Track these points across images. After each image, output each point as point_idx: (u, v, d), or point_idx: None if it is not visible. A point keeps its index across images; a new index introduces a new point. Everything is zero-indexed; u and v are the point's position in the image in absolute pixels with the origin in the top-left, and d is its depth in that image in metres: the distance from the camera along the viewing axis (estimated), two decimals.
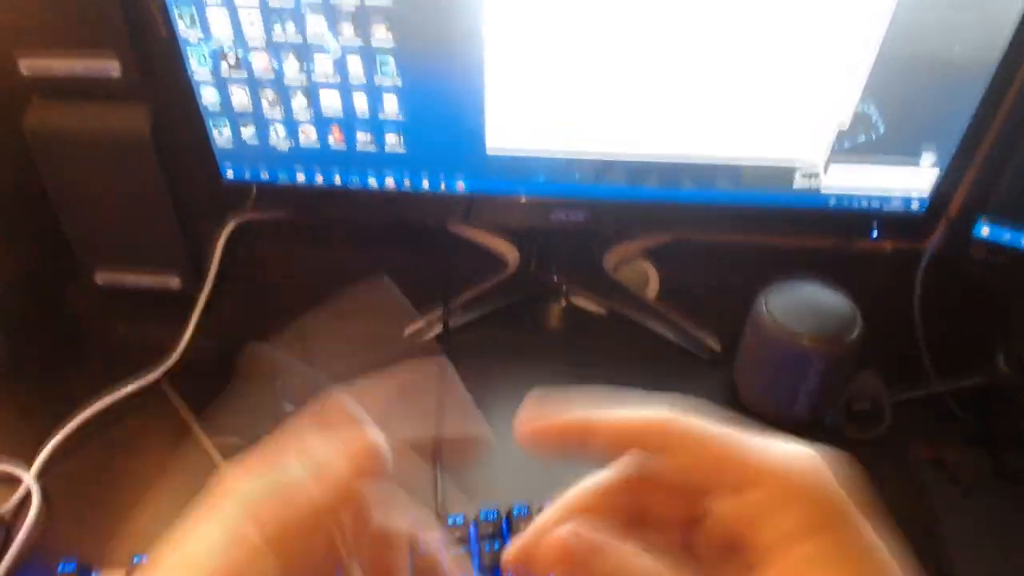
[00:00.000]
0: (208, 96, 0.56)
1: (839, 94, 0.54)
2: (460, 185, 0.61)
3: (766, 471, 0.23)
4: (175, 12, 0.52)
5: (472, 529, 0.48)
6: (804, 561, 0.22)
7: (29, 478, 0.53)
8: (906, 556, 0.23)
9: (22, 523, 0.51)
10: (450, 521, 0.48)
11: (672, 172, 0.59)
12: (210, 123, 0.57)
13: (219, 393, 0.60)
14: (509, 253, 0.74)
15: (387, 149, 0.58)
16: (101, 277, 0.67)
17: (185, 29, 0.52)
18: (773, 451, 0.24)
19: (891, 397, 0.59)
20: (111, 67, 0.56)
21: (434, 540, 0.29)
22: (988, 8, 0.49)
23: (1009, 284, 0.64)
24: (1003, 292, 0.65)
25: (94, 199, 0.62)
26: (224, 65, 0.54)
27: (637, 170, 0.59)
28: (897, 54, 0.51)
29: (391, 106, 0.56)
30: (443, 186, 0.61)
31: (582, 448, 0.26)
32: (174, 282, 0.67)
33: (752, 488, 0.23)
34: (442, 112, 0.56)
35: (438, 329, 0.67)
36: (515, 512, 0.48)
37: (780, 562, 0.22)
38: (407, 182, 0.61)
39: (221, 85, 0.55)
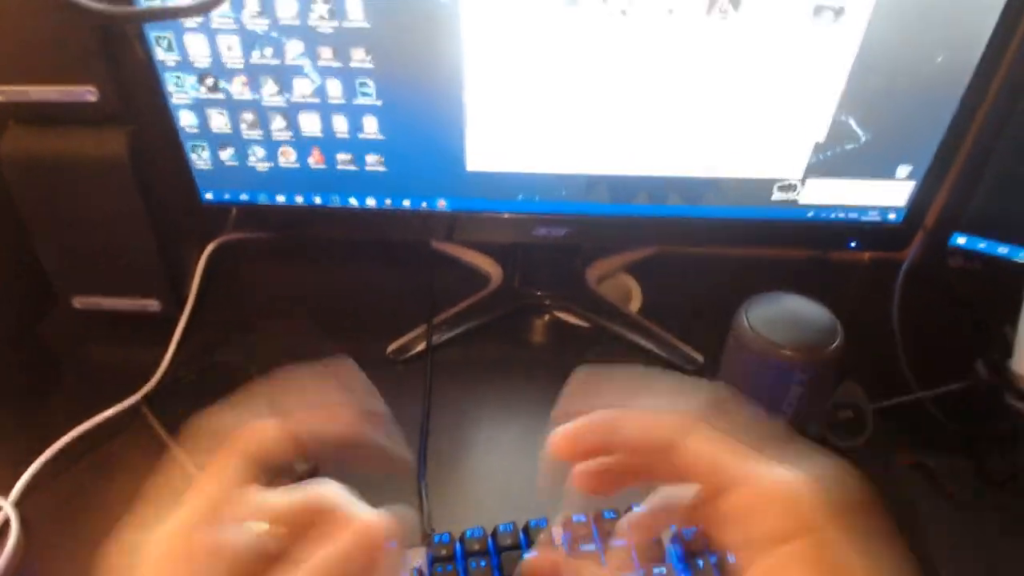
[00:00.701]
0: (186, 119, 0.56)
1: (815, 110, 0.55)
2: (441, 203, 0.61)
3: (751, 475, 0.25)
4: (152, 37, 0.52)
5: (458, 547, 0.47)
6: (779, 564, 0.23)
7: (7, 506, 0.53)
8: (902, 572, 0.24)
9: (1, 551, 0.50)
10: (436, 539, 0.47)
11: (652, 188, 0.60)
12: (188, 146, 0.57)
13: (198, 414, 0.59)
14: (492, 269, 0.74)
15: (367, 169, 0.58)
16: (79, 302, 0.66)
17: (163, 53, 0.52)
18: (761, 459, 0.25)
19: (873, 405, 0.60)
20: (88, 92, 0.56)
21: None
22: (960, 27, 0.50)
23: (986, 291, 0.65)
24: (981, 299, 0.66)
25: (71, 224, 0.61)
26: (202, 88, 0.54)
27: (618, 186, 0.60)
28: (871, 71, 0.52)
29: (371, 127, 0.56)
30: (424, 205, 0.61)
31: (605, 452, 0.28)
32: (153, 305, 0.67)
33: (735, 490, 0.25)
34: (422, 132, 0.56)
35: (421, 346, 0.67)
36: (501, 530, 0.47)
37: (758, 563, 0.23)
38: (388, 201, 0.61)
39: (199, 108, 0.55)
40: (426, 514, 0.53)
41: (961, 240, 0.62)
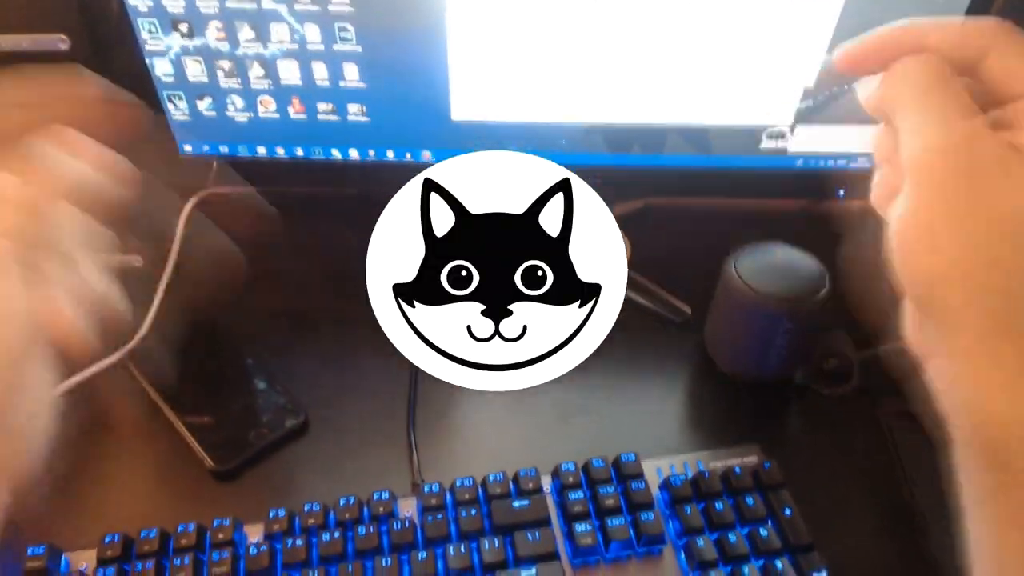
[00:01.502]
0: (161, 68, 0.54)
1: (803, 54, 0.54)
2: (426, 155, 0.60)
3: None
4: None
5: (448, 497, 0.48)
6: None
7: None
8: None
9: None
10: (426, 489, 0.48)
11: (639, 137, 0.59)
12: (165, 96, 0.56)
13: (185, 371, 0.59)
14: None
15: (349, 119, 0.57)
16: None
17: None
18: None
19: (860, 355, 0.60)
20: (59, 40, 0.54)
21: None
22: None
23: None
24: None
25: None
26: (176, 35, 0.52)
27: (605, 135, 0.59)
28: (861, 11, 0.51)
29: (352, 74, 0.54)
30: (409, 156, 0.60)
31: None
32: (136, 261, 0.65)
33: None
34: (405, 81, 0.55)
35: None
36: (491, 479, 0.48)
37: None
38: (371, 153, 0.60)
39: (174, 56, 0.53)
40: (416, 464, 0.53)
41: None
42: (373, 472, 0.53)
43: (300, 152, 0.59)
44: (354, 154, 0.60)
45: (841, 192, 0.63)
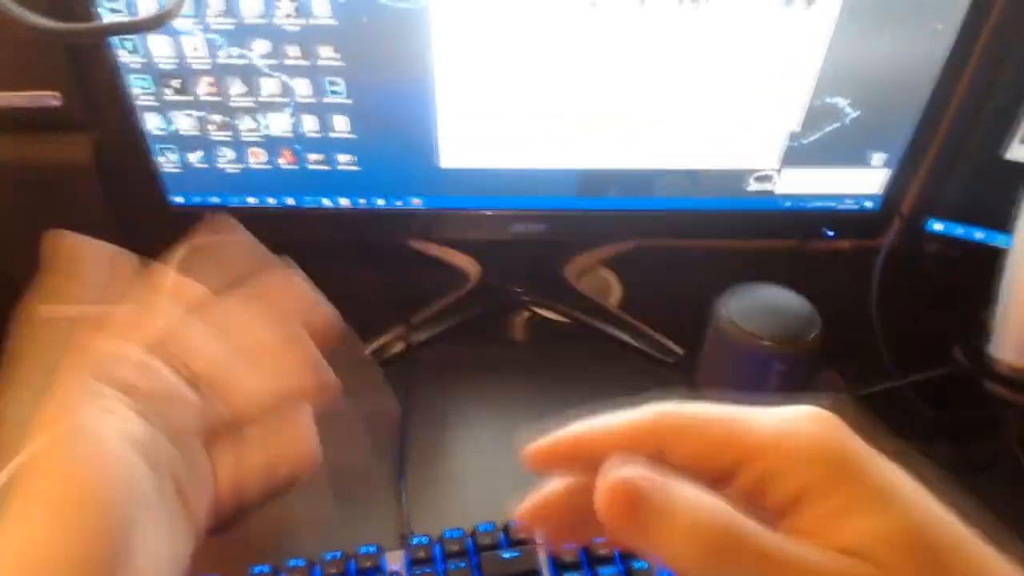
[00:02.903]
0: (152, 122, 0.55)
1: (789, 99, 0.55)
2: (416, 202, 0.60)
3: (767, 440, 0.22)
4: (115, 39, 0.51)
5: (437, 549, 0.47)
6: (825, 517, 0.21)
7: None
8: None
9: None
10: (415, 541, 0.47)
11: (628, 181, 0.60)
12: (155, 150, 0.56)
13: None
14: (470, 267, 0.73)
15: (339, 168, 0.58)
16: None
17: (126, 56, 0.52)
18: (769, 419, 0.23)
19: (852, 394, 0.59)
20: (51, 97, 0.55)
21: None
22: (933, 11, 0.50)
23: (964, 277, 0.65)
24: (958, 285, 0.66)
25: (38, 233, 0.60)
26: (168, 91, 0.53)
27: (594, 180, 0.59)
28: (844, 58, 0.52)
29: (342, 125, 0.55)
30: (399, 204, 0.60)
31: (583, 464, 0.24)
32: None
33: (759, 459, 0.22)
34: (394, 131, 0.56)
35: (401, 346, 0.66)
36: (480, 530, 0.47)
37: (804, 521, 0.21)
38: (362, 201, 0.60)
39: (165, 111, 0.54)
40: (405, 516, 0.52)
41: (938, 226, 0.62)
42: (362, 523, 0.52)
43: (291, 201, 0.60)
44: (344, 202, 0.60)
45: (829, 232, 0.63)
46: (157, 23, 0.37)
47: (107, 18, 0.49)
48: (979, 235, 0.60)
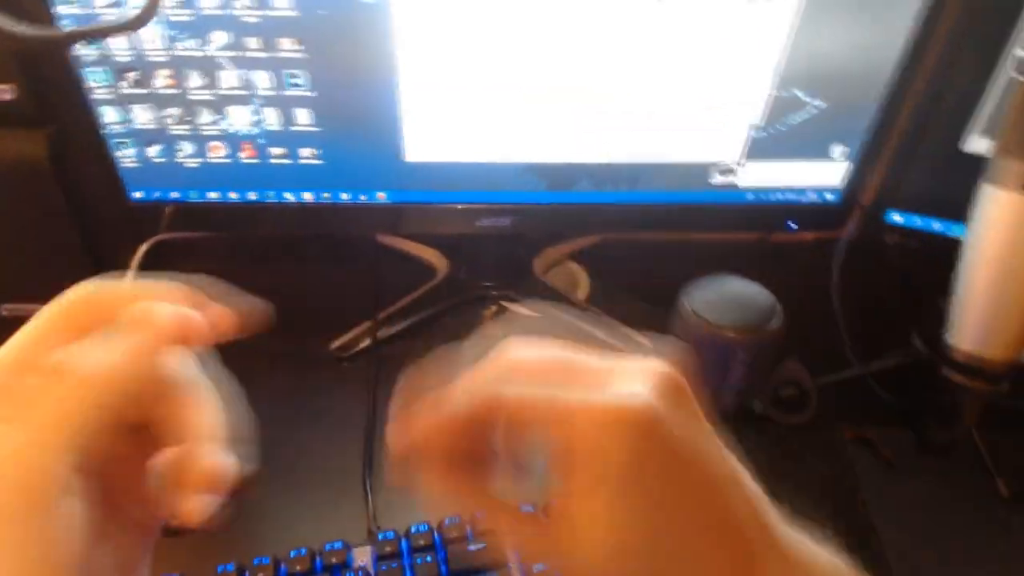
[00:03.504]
0: (109, 116, 0.54)
1: (751, 91, 0.55)
2: (381, 196, 0.60)
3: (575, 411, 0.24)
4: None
5: (404, 543, 0.47)
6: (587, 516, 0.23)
7: None
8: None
9: None
10: (381, 536, 0.47)
11: (593, 175, 0.60)
12: (113, 144, 0.55)
13: None
14: (437, 261, 0.73)
15: (302, 162, 0.57)
16: (6, 309, 0.64)
17: (82, 48, 0.50)
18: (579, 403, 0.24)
19: (816, 382, 0.60)
20: (5, 91, 0.53)
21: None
22: (891, 3, 0.51)
23: (922, 266, 0.66)
24: (917, 275, 0.67)
25: None
26: (124, 83, 0.52)
27: (559, 174, 0.60)
28: (805, 53, 0.53)
29: (304, 119, 0.55)
30: (363, 198, 0.60)
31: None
32: None
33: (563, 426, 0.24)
34: (357, 124, 0.55)
35: (367, 342, 0.66)
36: (446, 523, 0.47)
37: (566, 514, 0.24)
38: (326, 195, 0.60)
39: (122, 104, 0.53)
40: (371, 512, 0.52)
41: (897, 217, 0.63)
42: (329, 520, 0.52)
43: (253, 196, 0.59)
44: (308, 197, 0.59)
45: (791, 224, 0.64)
46: (128, 27, 0.37)
47: (64, 16, 0.48)
48: (937, 226, 0.61)
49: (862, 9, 0.51)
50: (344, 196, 0.60)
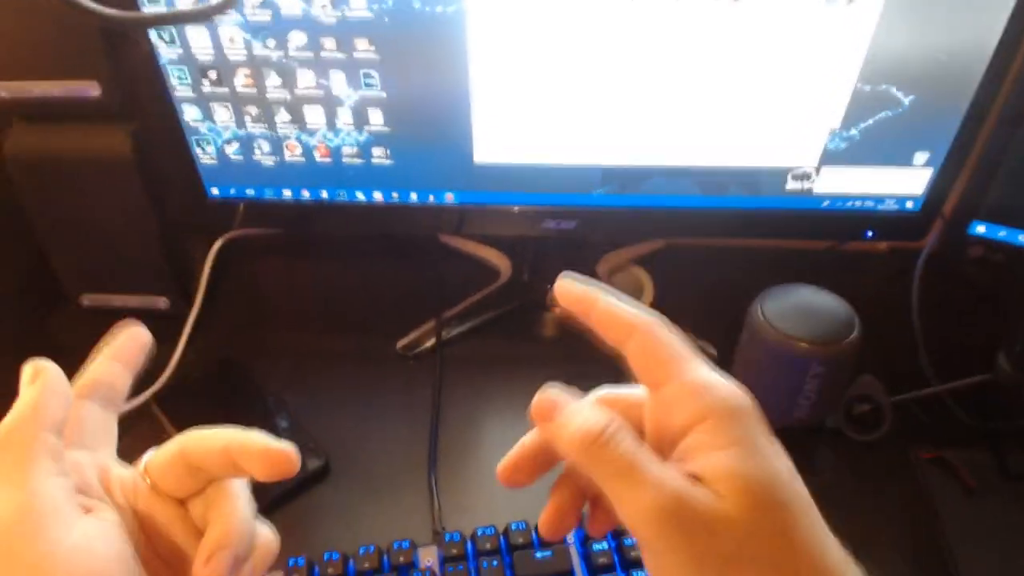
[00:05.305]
0: (190, 114, 0.55)
1: (829, 95, 0.54)
2: (449, 197, 0.60)
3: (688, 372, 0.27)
4: (153, 31, 0.51)
5: (470, 546, 0.47)
6: (695, 448, 0.25)
7: None
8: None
9: None
10: (447, 538, 0.47)
11: (663, 178, 0.59)
12: (193, 141, 0.57)
13: (210, 413, 0.59)
14: (501, 262, 0.73)
15: (374, 162, 0.58)
16: (88, 299, 0.66)
17: (165, 47, 0.52)
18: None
19: (891, 398, 0.58)
20: (90, 88, 0.55)
21: None
22: (977, 9, 0.49)
23: (1007, 281, 0.63)
24: (1001, 289, 0.65)
25: (77, 222, 0.61)
26: (205, 82, 0.53)
27: (628, 177, 0.59)
28: (887, 54, 0.51)
29: (376, 119, 0.55)
30: (432, 198, 0.60)
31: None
32: (162, 303, 0.66)
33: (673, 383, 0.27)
34: (428, 125, 0.55)
35: (431, 341, 0.66)
36: (512, 528, 0.47)
37: (680, 448, 0.25)
38: (395, 195, 0.60)
39: (202, 102, 0.54)
40: (437, 511, 0.52)
41: (980, 229, 0.60)
42: (394, 517, 0.52)
43: (325, 195, 0.60)
44: (378, 196, 0.60)
45: (868, 233, 0.62)
46: (208, 14, 0.37)
47: (145, 8, 0.49)
48: (1023, 238, 0.58)
49: (946, 13, 0.49)
50: (413, 196, 0.60)
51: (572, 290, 0.30)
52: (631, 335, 0.28)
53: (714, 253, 0.72)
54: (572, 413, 0.27)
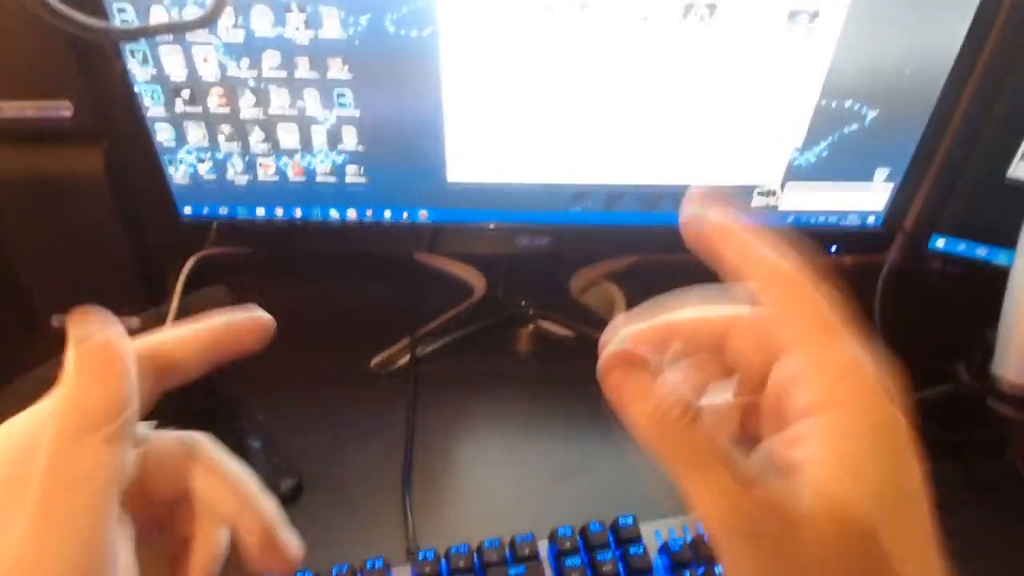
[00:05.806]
0: (163, 133, 0.55)
1: (792, 115, 0.55)
2: (423, 215, 0.61)
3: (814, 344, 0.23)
4: (127, 51, 0.51)
5: (444, 564, 0.47)
6: (837, 434, 0.21)
7: None
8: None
9: None
10: (420, 556, 0.47)
11: (633, 196, 0.60)
12: (166, 160, 0.57)
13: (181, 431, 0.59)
14: (475, 280, 0.74)
15: (348, 181, 0.58)
16: (57, 320, 0.65)
17: (138, 67, 0.52)
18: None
19: None
20: (63, 107, 0.55)
21: None
22: (934, 29, 0.51)
23: (967, 293, 0.65)
24: (962, 301, 0.66)
25: (49, 243, 0.61)
26: (178, 102, 0.54)
27: (598, 195, 0.60)
28: (847, 74, 0.53)
29: (350, 139, 0.56)
30: (406, 216, 0.61)
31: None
32: (134, 323, 0.66)
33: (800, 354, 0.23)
34: (402, 145, 0.56)
35: (405, 359, 0.66)
36: (486, 546, 0.47)
37: (815, 432, 0.22)
38: (369, 213, 0.60)
39: (176, 122, 0.55)
40: (410, 530, 0.52)
41: (941, 243, 0.62)
42: (368, 536, 0.52)
43: (298, 213, 0.60)
44: (352, 215, 0.60)
45: (832, 248, 0.63)
46: (208, 21, 0.38)
47: (116, 22, 0.49)
48: (982, 252, 0.60)
49: (905, 32, 0.51)
50: (387, 215, 0.61)
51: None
52: (778, 284, 0.24)
53: (685, 268, 0.73)
54: (641, 392, 0.24)
